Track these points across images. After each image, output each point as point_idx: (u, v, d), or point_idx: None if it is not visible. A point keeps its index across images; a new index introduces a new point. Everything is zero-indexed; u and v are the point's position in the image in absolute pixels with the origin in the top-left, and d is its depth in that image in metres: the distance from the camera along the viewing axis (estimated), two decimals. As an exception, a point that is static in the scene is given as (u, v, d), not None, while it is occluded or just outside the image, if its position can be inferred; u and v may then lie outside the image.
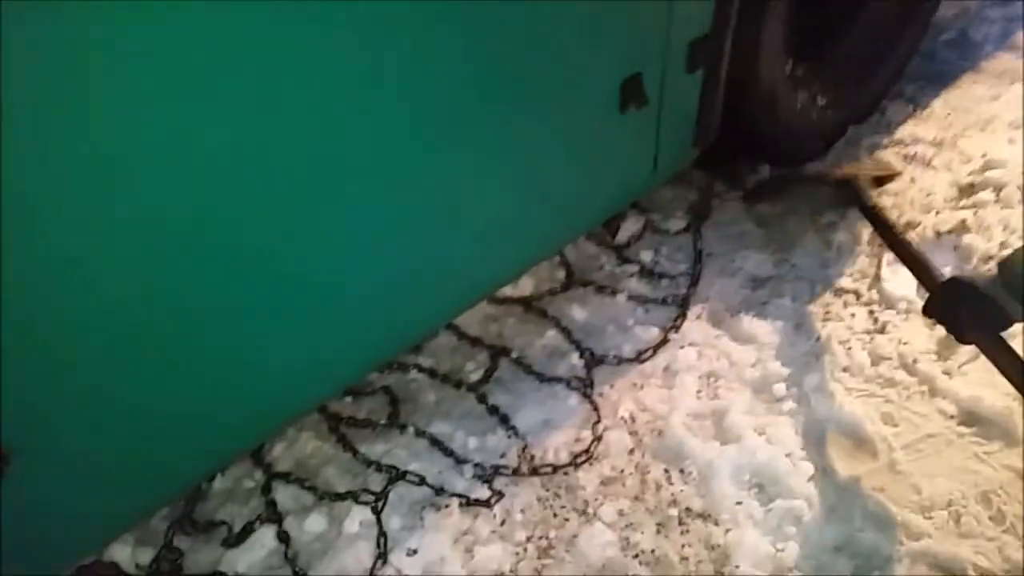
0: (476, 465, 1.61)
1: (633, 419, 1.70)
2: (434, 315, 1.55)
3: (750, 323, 1.85)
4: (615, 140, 1.56)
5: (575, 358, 1.83)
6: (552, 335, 1.89)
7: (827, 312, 1.86)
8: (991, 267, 1.79)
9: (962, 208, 2.03)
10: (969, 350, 1.72)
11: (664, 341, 1.85)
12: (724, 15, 1.60)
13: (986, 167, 2.10)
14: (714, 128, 1.77)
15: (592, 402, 1.73)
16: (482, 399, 1.74)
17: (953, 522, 1.48)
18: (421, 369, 1.81)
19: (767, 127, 2.05)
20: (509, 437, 1.67)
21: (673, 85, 1.58)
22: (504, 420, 1.69)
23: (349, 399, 1.75)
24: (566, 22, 1.34)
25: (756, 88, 1.91)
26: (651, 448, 1.64)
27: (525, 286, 2.00)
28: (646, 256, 2.06)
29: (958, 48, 2.76)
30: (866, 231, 2.02)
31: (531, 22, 1.28)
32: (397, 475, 1.59)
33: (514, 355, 1.84)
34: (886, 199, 2.12)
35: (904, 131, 2.35)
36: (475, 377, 1.79)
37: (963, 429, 1.61)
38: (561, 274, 2.04)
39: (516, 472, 1.60)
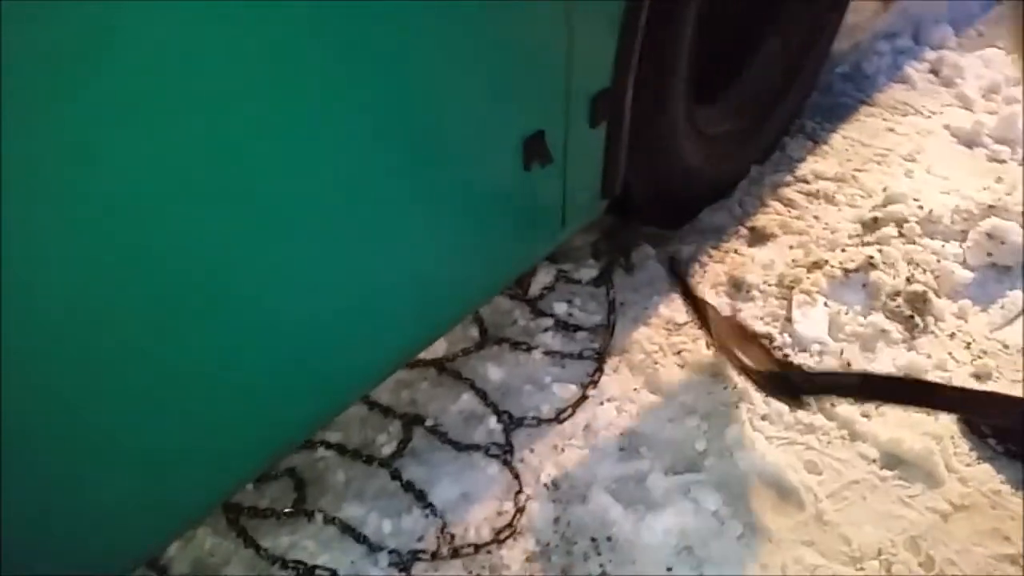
0: (392, 552, 1.51)
1: (556, 486, 1.63)
2: (348, 391, 1.45)
3: (668, 374, 1.82)
4: (522, 198, 1.51)
5: (493, 422, 1.76)
6: (468, 399, 1.81)
7: (743, 358, 1.83)
8: (898, 303, 1.81)
9: (867, 244, 2.05)
10: (884, 390, 1.72)
11: (583, 398, 1.80)
12: (625, 66, 1.56)
13: (887, 201, 2.13)
14: (620, 179, 1.73)
15: (512, 470, 1.66)
16: (396, 475, 1.65)
17: (884, 572, 1.46)
18: (329, 446, 1.71)
19: (672, 175, 2.03)
20: (426, 516, 1.58)
21: (577, 140, 1.54)
22: (420, 497, 1.60)
23: (250, 486, 1.63)
24: (463, 85, 1.28)
25: (660, 136, 1.90)
26: (576, 517, 1.58)
27: (438, 347, 1.92)
28: (560, 308, 2.01)
29: (853, 81, 2.83)
30: (776, 273, 2.02)
31: (428, 89, 1.22)
32: (305, 571, 1.47)
33: (428, 423, 1.76)
34: (792, 238, 2.13)
35: (805, 168, 2.38)
36: (388, 451, 1.70)
37: (886, 473, 1.60)
38: (475, 332, 1.97)
39: (436, 556, 1.51)
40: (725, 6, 2.27)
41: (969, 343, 1.83)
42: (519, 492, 1.60)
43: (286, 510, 1.60)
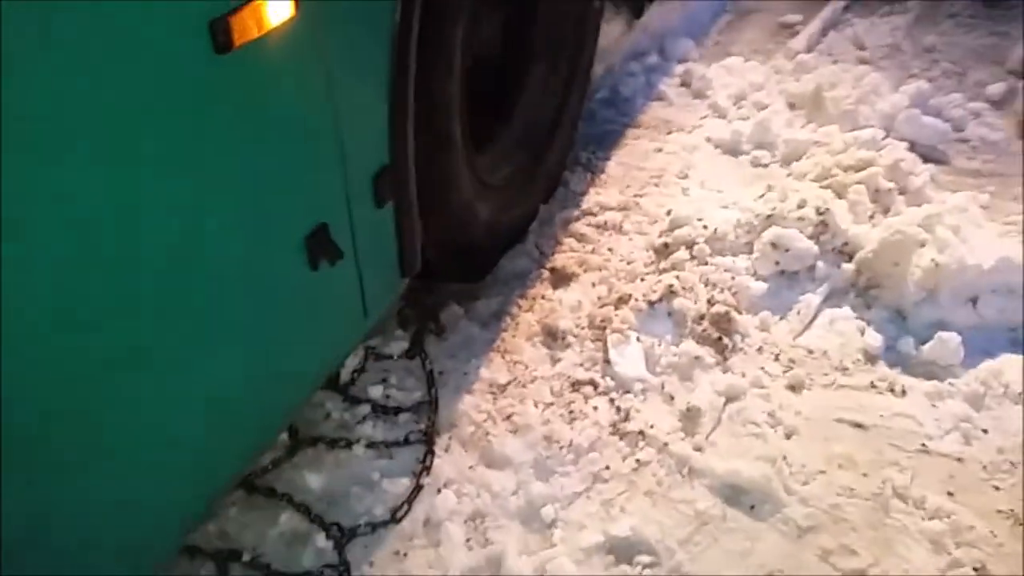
0: None
1: (405, 600, 1.48)
2: (172, 533, 1.25)
3: (501, 443, 1.73)
4: (316, 298, 1.36)
5: (321, 540, 1.58)
6: (287, 518, 1.62)
7: (571, 412, 1.78)
8: (705, 327, 1.83)
9: (663, 271, 2.07)
10: (708, 418, 1.73)
11: (418, 489, 1.66)
12: (402, 137, 1.45)
13: (672, 225, 2.17)
14: (418, 255, 1.62)
15: (354, 593, 1.49)
16: (221, 632, 1.42)
17: (750, 614, 1.44)
18: (135, 612, 1.45)
19: (465, 231, 1.95)
20: (265, 676, 1.37)
21: (365, 225, 1.41)
22: (254, 652, 1.39)
23: None
24: (226, 193, 1.11)
25: (447, 198, 1.81)
26: (433, 632, 1.44)
27: (243, 463, 1.70)
28: (375, 392, 1.86)
29: (615, 106, 2.91)
30: (585, 315, 1.99)
31: (187, 201, 1.05)
32: None
33: (246, 557, 1.56)
34: (593, 275, 2.11)
35: (590, 200, 2.39)
36: (205, 603, 1.47)
37: (730, 509, 1.58)
38: (284, 436, 1.77)
39: None
40: (483, 48, 2.22)
41: (777, 354, 1.89)
42: (366, 619, 1.44)
43: None
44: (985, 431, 1.70)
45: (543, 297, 2.08)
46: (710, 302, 1.96)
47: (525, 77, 2.33)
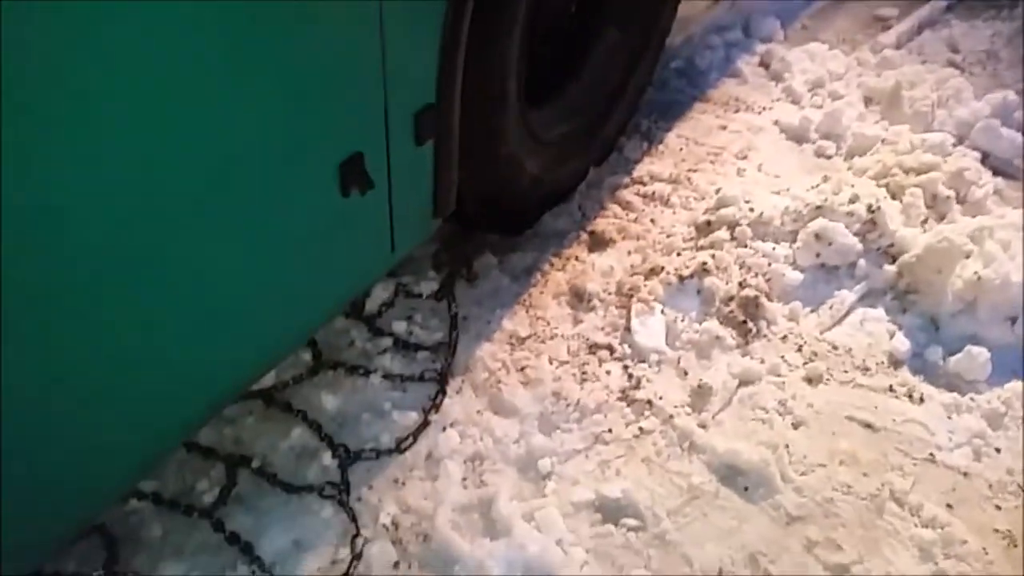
0: (215, 617, 1.39)
1: (396, 525, 1.55)
2: (171, 432, 1.32)
3: (511, 392, 1.77)
4: (343, 225, 1.40)
5: (327, 458, 1.65)
6: (299, 433, 1.70)
7: (584, 373, 1.81)
8: (732, 309, 1.83)
9: (701, 248, 2.07)
10: (718, 398, 1.74)
11: (425, 424, 1.72)
12: (450, 80, 1.48)
13: (719, 204, 2.16)
14: (453, 198, 1.65)
15: (349, 511, 1.56)
16: (219, 526, 1.52)
17: (723, 590, 1.46)
18: (142, 496, 1.56)
19: (510, 184, 1.98)
20: (253, 572, 1.46)
21: (402, 160, 1.45)
22: (247, 550, 1.49)
23: (52, 552, 1.46)
24: (264, 108, 1.16)
25: (494, 147, 1.83)
26: (418, 557, 1.50)
27: (266, 377, 1.79)
28: (399, 327, 1.92)
29: (687, 76, 2.87)
30: (615, 281, 2.00)
31: (225, 111, 1.10)
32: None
33: (255, 464, 1.64)
34: (631, 243, 2.12)
35: (642, 169, 2.38)
36: (209, 499, 1.57)
37: (723, 488, 1.60)
38: (307, 356, 1.85)
39: (264, 616, 1.40)
40: (559, 7, 2.23)
41: (801, 346, 1.88)
42: (356, 536, 1.51)
43: (95, 574, 1.44)
44: (998, 450, 1.68)
45: (577, 259, 2.10)
46: (741, 284, 1.95)
47: (596, 41, 2.32)
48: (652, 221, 2.21)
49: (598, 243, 2.16)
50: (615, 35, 2.35)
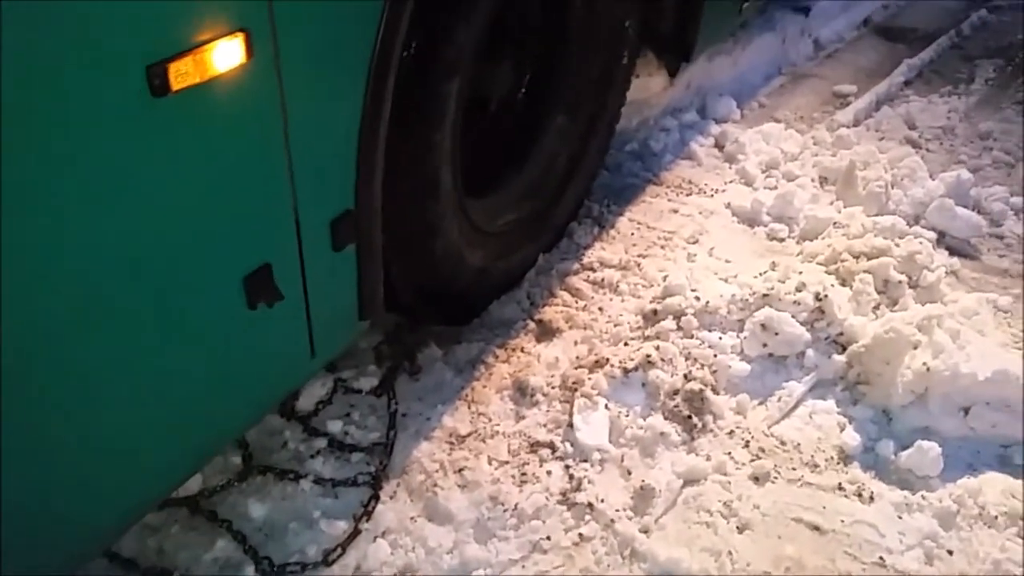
0: None
1: (314, 648, 1.47)
2: (89, 540, 1.27)
3: (447, 497, 1.70)
4: (253, 337, 1.35)
5: (250, 572, 1.58)
6: (223, 545, 1.62)
7: (523, 474, 1.75)
8: (677, 403, 1.78)
9: (647, 339, 2.03)
10: (662, 500, 1.68)
11: (355, 534, 1.65)
12: (369, 185, 1.46)
13: (666, 293, 2.13)
14: (380, 300, 1.61)
15: (268, 632, 1.48)
16: (131, 650, 1.43)
17: None
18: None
19: (451, 278, 1.95)
20: None
21: (318, 267, 1.41)
22: None
23: None
24: (163, 225, 1.13)
25: (434, 248, 1.81)
26: None
27: (193, 481, 1.72)
28: (334, 427, 1.86)
29: (641, 159, 2.88)
30: (560, 373, 1.96)
31: (125, 227, 1.08)
32: None
33: (176, 578, 1.55)
34: (578, 333, 2.08)
35: (592, 255, 2.36)
36: (125, 618, 1.48)
37: (662, 601, 1.53)
38: (237, 460, 1.78)
39: None
40: (503, 93, 2.22)
41: (748, 441, 1.83)
42: (273, 660, 1.43)
43: None
44: (950, 552, 1.61)
45: (523, 350, 2.05)
46: (687, 377, 1.91)
47: (542, 127, 2.32)
48: (600, 309, 2.17)
49: (545, 332, 2.12)
50: (563, 122, 2.35)
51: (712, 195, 2.67)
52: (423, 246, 1.82)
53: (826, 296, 2.01)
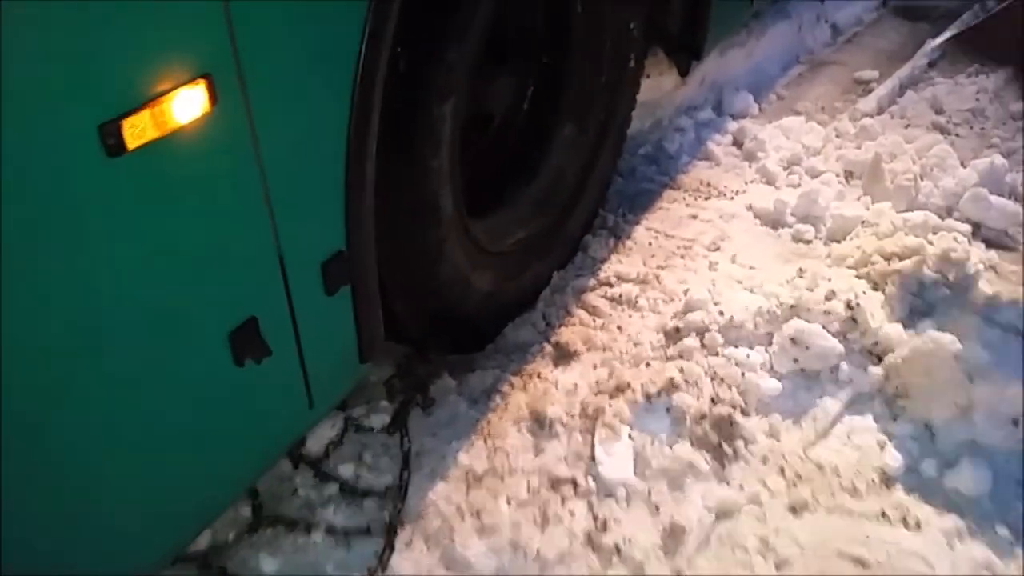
0: None
1: None
2: None
3: (465, 544, 1.61)
4: (243, 394, 1.27)
5: (261, 632, 1.50)
6: (234, 604, 1.54)
7: (544, 514, 1.65)
8: (705, 429, 1.68)
9: (669, 359, 1.92)
10: (694, 538, 1.58)
11: (369, 587, 1.56)
12: (360, 221, 1.37)
13: (688, 307, 2.02)
14: (380, 340, 1.53)
15: None
16: None
17: None
18: None
19: (460, 304, 1.86)
20: None
21: (311, 314, 1.33)
22: None
23: None
24: (136, 286, 1.05)
25: (438, 276, 1.72)
26: None
27: (203, 536, 1.64)
28: (346, 471, 1.78)
29: (656, 163, 2.76)
30: (579, 401, 1.86)
31: (97, 292, 1.01)
32: None
33: (182, 644, 1.48)
34: (596, 355, 1.98)
35: (609, 269, 2.25)
36: None
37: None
38: (247, 511, 1.71)
39: None
40: (506, 106, 2.12)
41: (782, 467, 1.72)
42: None
43: None
44: (1010, 583, 1.50)
45: (539, 376, 1.95)
46: (714, 400, 1.80)
47: (549, 138, 2.22)
48: (619, 328, 2.06)
49: (563, 355, 2.02)
50: (571, 131, 2.25)
51: (732, 197, 2.55)
52: (426, 275, 1.73)
53: (858, 304, 1.89)
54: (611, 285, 2.20)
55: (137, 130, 0.95)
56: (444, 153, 1.63)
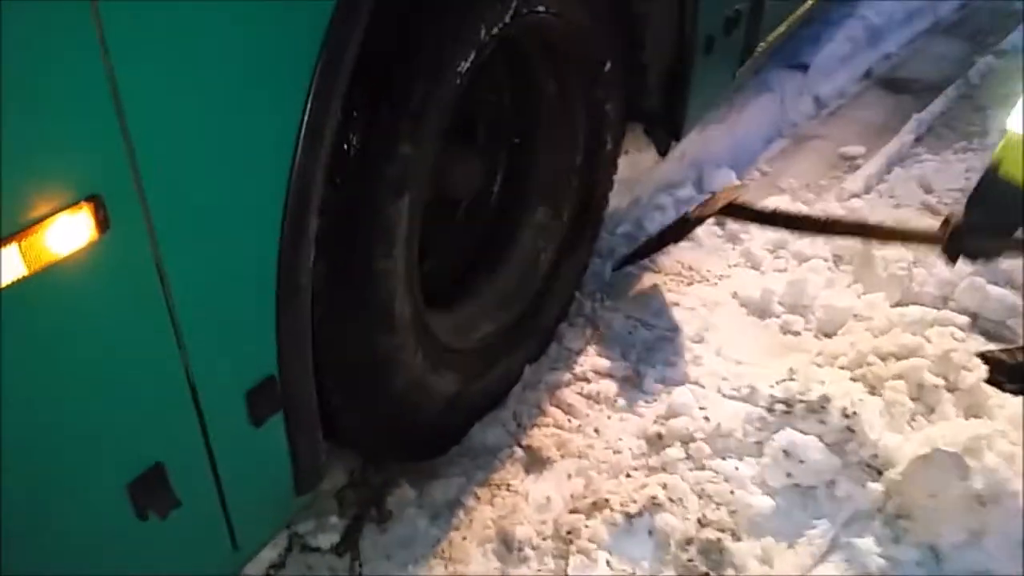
0: None
1: None
2: None
3: None
4: (154, 546, 1.09)
5: None
6: None
7: (510, 658, 1.46)
8: (691, 555, 1.51)
9: (652, 471, 1.75)
10: None
11: None
12: (295, 341, 1.20)
13: (671, 412, 1.86)
14: (321, 468, 1.35)
15: None
16: None
17: None
18: None
19: (417, 410, 1.69)
20: None
21: (234, 450, 1.15)
22: None
23: None
24: (24, 432, 0.88)
25: (393, 385, 1.56)
26: None
27: None
28: (285, 605, 1.58)
29: (635, 242, 2.61)
30: (552, 518, 1.68)
31: None
32: None
33: None
34: (572, 463, 1.81)
35: (585, 362, 2.09)
36: None
37: None
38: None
39: None
40: (455, 181, 1.95)
41: (777, 600, 1.53)
42: None
43: None
44: None
45: (508, 487, 1.78)
46: (701, 522, 1.63)
47: (521, 223, 2.08)
48: (596, 431, 1.90)
49: (535, 462, 1.85)
50: (544, 215, 2.10)
51: (716, 283, 2.41)
52: (378, 388, 1.56)
53: (855, 413, 1.73)
54: (588, 381, 2.04)
55: (3, 267, 0.78)
56: (399, 252, 1.48)
